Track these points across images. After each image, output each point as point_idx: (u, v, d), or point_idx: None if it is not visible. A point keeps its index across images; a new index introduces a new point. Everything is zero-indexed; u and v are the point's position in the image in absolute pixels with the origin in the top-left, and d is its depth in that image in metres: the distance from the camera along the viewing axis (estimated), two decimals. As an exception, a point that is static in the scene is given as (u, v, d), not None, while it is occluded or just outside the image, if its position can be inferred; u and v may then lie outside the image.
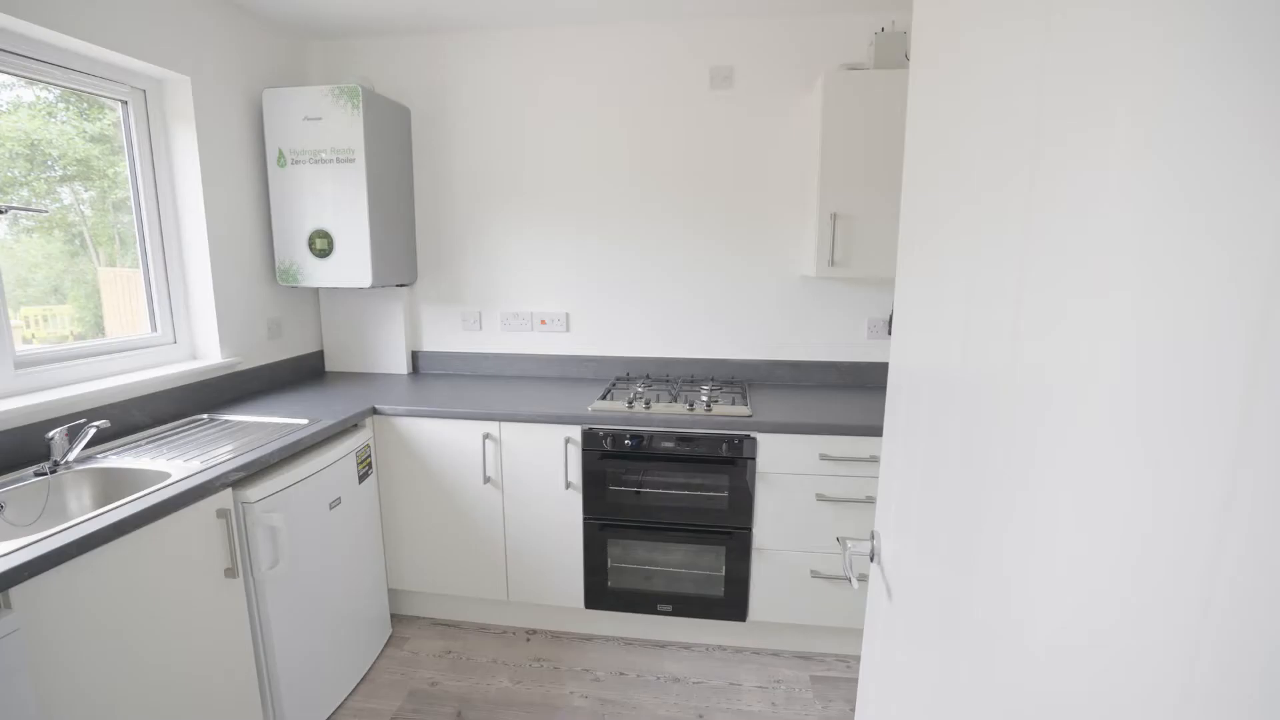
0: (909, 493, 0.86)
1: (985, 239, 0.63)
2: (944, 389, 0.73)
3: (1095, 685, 0.41)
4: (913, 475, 0.85)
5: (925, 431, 0.80)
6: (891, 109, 2.14)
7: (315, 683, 1.92)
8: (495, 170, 2.69)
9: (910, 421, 0.88)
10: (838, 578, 2.16)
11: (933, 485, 0.76)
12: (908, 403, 0.90)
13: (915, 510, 0.83)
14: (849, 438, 2.09)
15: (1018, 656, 0.53)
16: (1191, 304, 0.35)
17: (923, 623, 0.77)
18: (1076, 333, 0.46)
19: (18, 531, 1.51)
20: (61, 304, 2.00)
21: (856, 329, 2.61)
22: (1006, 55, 0.59)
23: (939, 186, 0.78)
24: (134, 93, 2.09)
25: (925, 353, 0.81)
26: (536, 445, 2.22)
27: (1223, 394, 0.32)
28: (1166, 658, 0.35)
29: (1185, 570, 0.34)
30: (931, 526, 0.76)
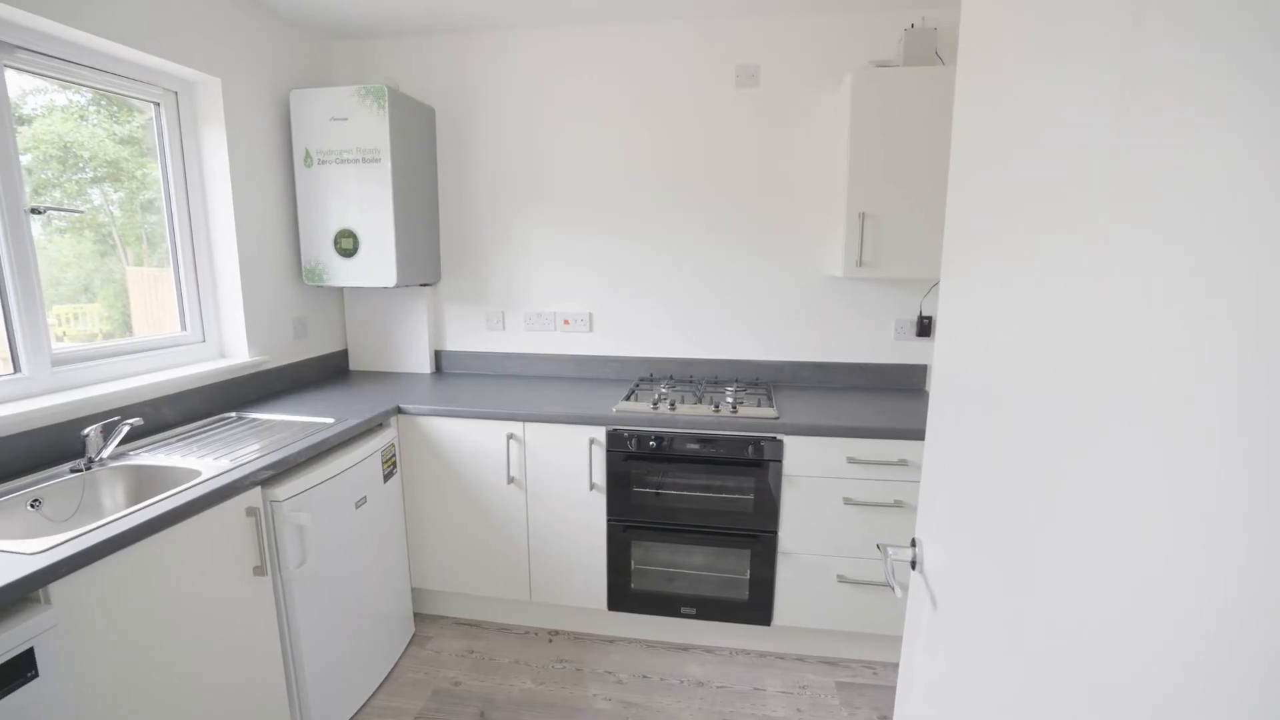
0: (957, 500, 0.84)
1: (1059, 244, 0.60)
2: (1002, 394, 0.70)
3: (1171, 708, 0.39)
4: (961, 482, 0.82)
5: (977, 437, 0.77)
6: (922, 106, 2.10)
7: (340, 681, 1.93)
8: (518, 170, 2.69)
9: (958, 427, 0.85)
10: (865, 583, 2.13)
11: (986, 494, 0.73)
12: (955, 407, 0.87)
13: (964, 519, 0.80)
14: (877, 440, 2.05)
15: (1081, 675, 0.50)
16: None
17: (973, 635, 0.75)
18: (1163, 343, 0.44)
19: (55, 527, 1.53)
20: (91, 302, 2.03)
21: (883, 330, 2.57)
22: (1086, 51, 0.57)
23: (996, 189, 0.76)
24: (166, 94, 2.12)
25: (978, 356, 0.78)
26: (560, 446, 2.21)
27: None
28: (1267, 686, 0.33)
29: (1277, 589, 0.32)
30: (984, 536, 0.73)
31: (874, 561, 2.11)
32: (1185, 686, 0.39)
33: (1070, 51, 0.59)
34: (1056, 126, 0.61)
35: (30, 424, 1.63)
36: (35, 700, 1.11)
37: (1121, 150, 0.50)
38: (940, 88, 2.09)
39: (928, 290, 2.51)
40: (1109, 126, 0.52)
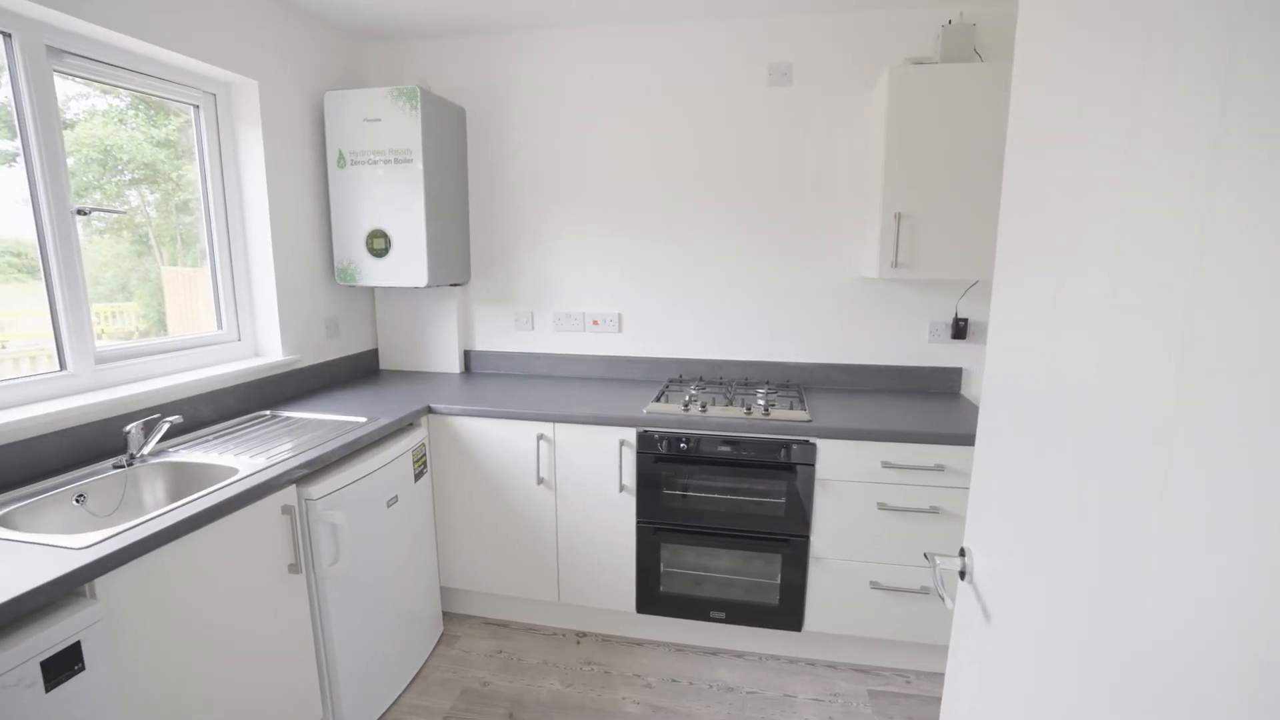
0: (1013, 511, 0.81)
1: (1143, 246, 0.57)
2: (1069, 400, 0.67)
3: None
4: (1018, 491, 0.79)
5: (1037, 445, 0.74)
6: (960, 104, 2.05)
7: (372, 678, 1.94)
8: (548, 170, 2.69)
9: (1015, 433, 0.82)
10: (900, 590, 2.09)
11: (1049, 504, 0.70)
12: (1010, 414, 0.84)
13: (1021, 528, 0.77)
14: (913, 445, 2.01)
15: (1161, 697, 0.47)
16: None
17: (1035, 652, 0.72)
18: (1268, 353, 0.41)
19: (99, 522, 1.56)
20: (128, 301, 2.07)
21: (918, 332, 2.52)
22: (1191, 39, 0.54)
23: (1062, 188, 0.73)
24: (205, 97, 2.15)
25: (1040, 363, 0.75)
26: (590, 447, 2.20)
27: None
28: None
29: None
30: (1047, 547, 0.70)
31: (909, 568, 2.07)
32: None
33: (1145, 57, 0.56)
34: (1130, 132, 0.58)
35: (75, 420, 1.67)
36: (82, 693, 1.13)
37: (1220, 153, 0.47)
38: (979, 85, 2.04)
39: (964, 291, 2.45)
40: (1197, 129, 0.49)
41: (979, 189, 2.08)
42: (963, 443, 1.97)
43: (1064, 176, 0.72)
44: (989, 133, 2.04)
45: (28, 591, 1.06)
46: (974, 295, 2.45)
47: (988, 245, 2.09)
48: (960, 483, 1.99)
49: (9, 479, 1.52)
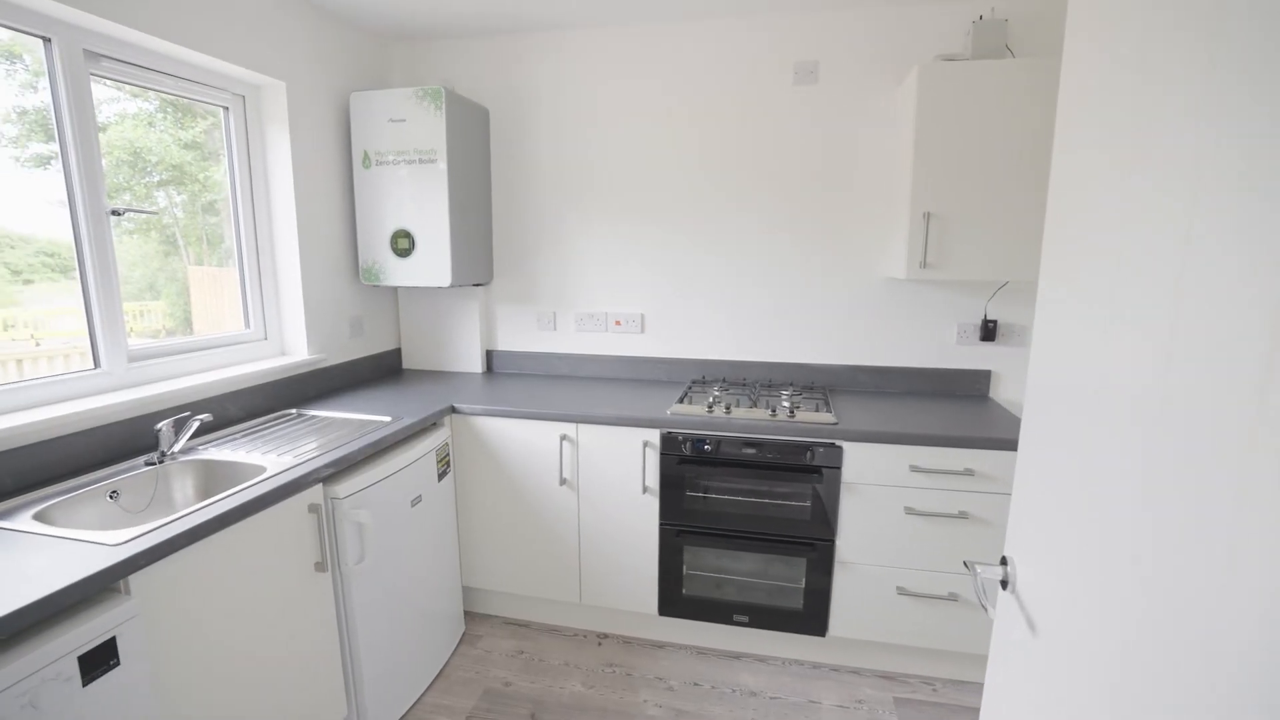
0: (1063, 518, 0.78)
1: (1216, 246, 0.54)
2: (1131, 407, 0.64)
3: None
4: (1070, 500, 0.76)
5: (1092, 453, 0.71)
6: (991, 101, 2.01)
7: (395, 677, 1.94)
8: (571, 170, 2.69)
9: (1066, 440, 0.79)
10: (927, 596, 2.05)
11: (1108, 514, 0.67)
12: (1060, 419, 0.81)
13: (1074, 539, 0.74)
14: (942, 449, 1.97)
15: None
16: None
17: (1089, 667, 0.69)
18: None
19: (131, 519, 1.58)
20: (155, 300, 2.10)
21: (945, 334, 2.48)
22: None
23: (1118, 187, 0.70)
24: (234, 99, 2.18)
25: (1094, 365, 0.73)
26: (613, 448, 2.19)
27: None
28: None
29: None
30: (1105, 560, 0.68)
31: (937, 574, 2.03)
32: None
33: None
34: (1198, 117, 0.55)
35: (109, 418, 1.69)
36: (116, 687, 1.14)
37: None
38: (1011, 81, 1.99)
39: (994, 292, 2.40)
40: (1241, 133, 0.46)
41: (1011, 188, 2.04)
42: (993, 447, 1.93)
43: (1119, 176, 0.70)
44: (1022, 130, 2.00)
45: (65, 587, 1.07)
46: (1004, 296, 2.40)
47: (1019, 245, 2.05)
48: (990, 488, 1.95)
49: (46, 475, 1.55)
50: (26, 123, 1.68)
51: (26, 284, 1.78)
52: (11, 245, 1.75)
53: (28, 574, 1.10)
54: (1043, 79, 1.96)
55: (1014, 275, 2.09)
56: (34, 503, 1.42)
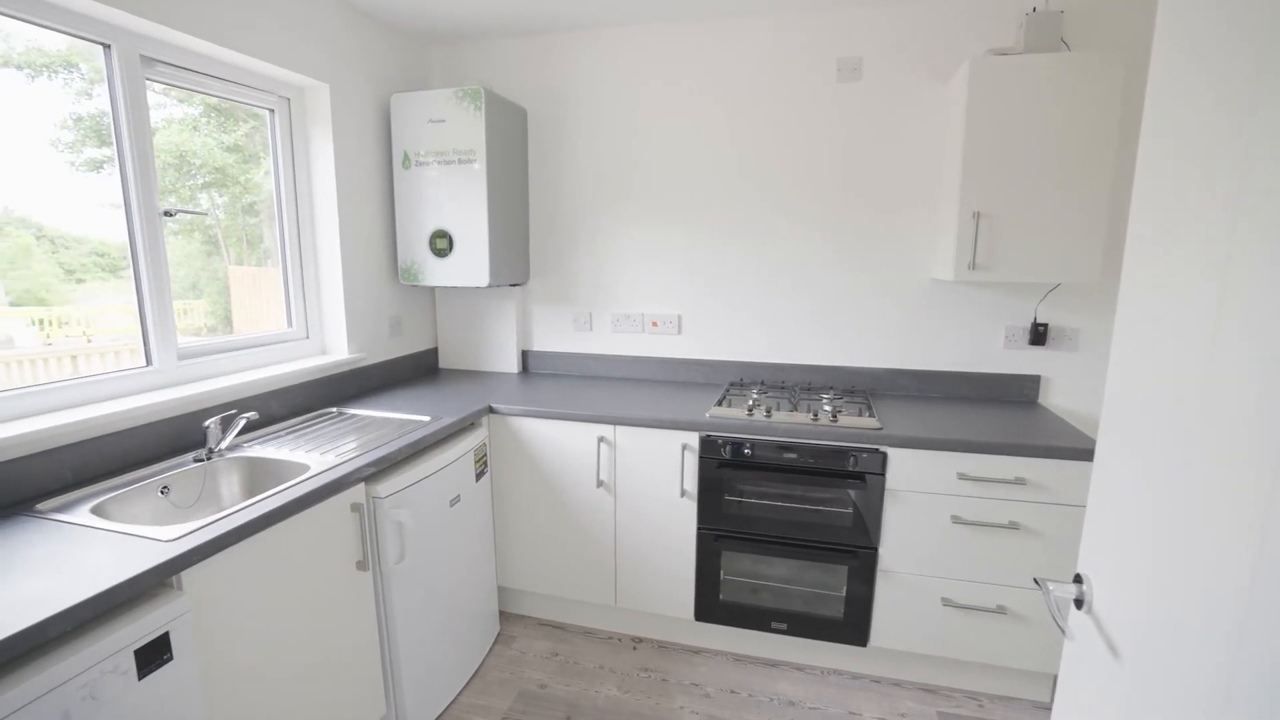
0: (1147, 537, 0.73)
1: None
2: (1238, 422, 0.60)
3: None
4: (1158, 517, 0.72)
5: (1191, 468, 0.67)
6: (1045, 96, 1.94)
7: (433, 675, 1.95)
8: (608, 170, 2.67)
9: (1152, 453, 0.74)
10: (974, 608, 1.98)
11: (1214, 539, 0.63)
12: (1145, 430, 0.76)
13: (1169, 561, 0.70)
14: (991, 456, 1.90)
15: None
16: None
17: (1179, 697, 0.65)
18: None
19: (180, 514, 1.60)
20: (198, 299, 2.14)
21: (992, 337, 2.40)
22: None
23: (1222, 179, 0.65)
24: (280, 101, 2.21)
25: (1194, 376, 0.68)
26: (652, 451, 2.17)
27: None
28: None
29: None
30: (1197, 584, 0.63)
31: (985, 586, 1.97)
32: None
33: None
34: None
35: (161, 414, 1.73)
36: (170, 682, 1.16)
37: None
38: (1067, 76, 1.92)
39: (1044, 295, 2.32)
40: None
41: (1066, 187, 1.96)
42: (1046, 455, 1.86)
43: (1226, 165, 0.65)
44: (1078, 126, 1.92)
45: (124, 581, 1.09)
46: (1056, 299, 2.31)
47: (1074, 246, 1.98)
48: (1043, 498, 1.88)
49: (102, 469, 1.59)
50: (82, 129, 1.73)
51: (79, 283, 1.83)
52: (66, 246, 1.80)
53: (89, 568, 1.12)
54: (1100, 73, 1.89)
55: (1068, 277, 2.01)
56: (91, 496, 1.45)
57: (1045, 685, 2.06)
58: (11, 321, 1.77)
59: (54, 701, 0.97)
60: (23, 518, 1.34)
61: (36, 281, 1.77)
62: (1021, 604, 1.94)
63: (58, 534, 1.27)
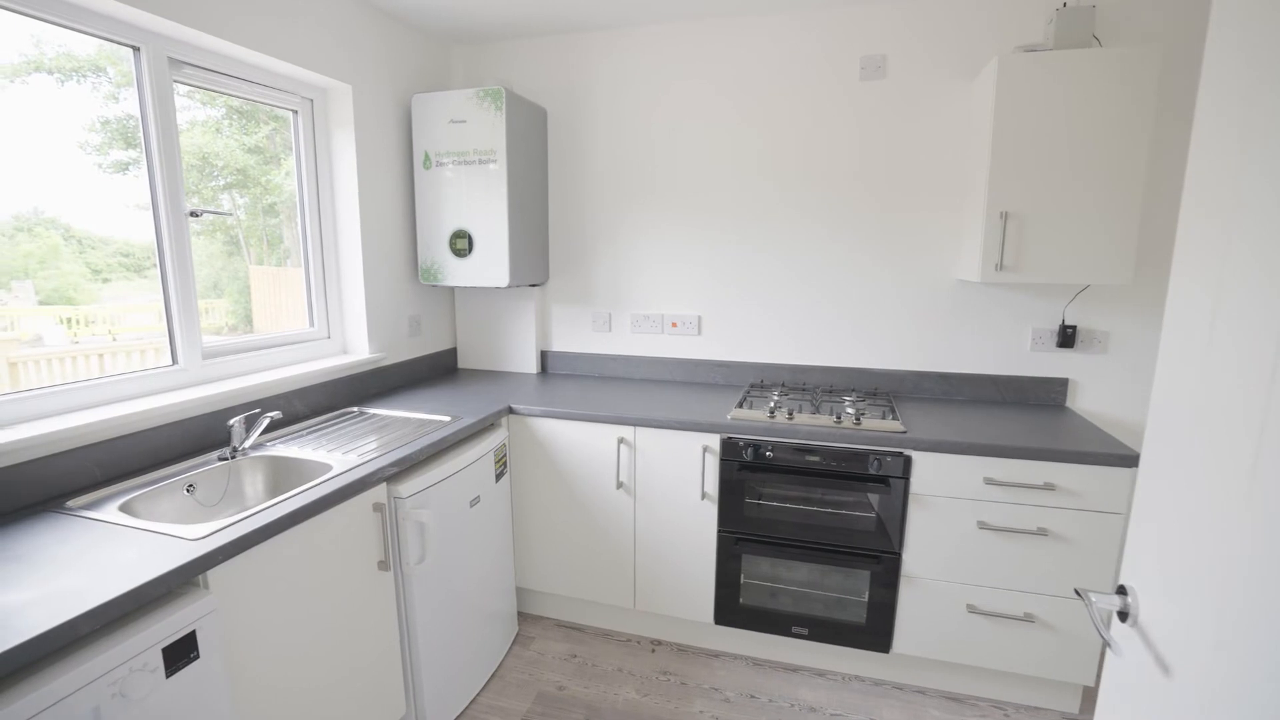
0: (1201, 549, 0.71)
1: None
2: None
3: None
4: (1215, 530, 0.69)
5: (1252, 479, 0.64)
6: (1077, 93, 1.90)
7: (452, 676, 1.95)
8: (628, 170, 2.66)
9: (1205, 462, 0.72)
10: (1000, 615, 1.95)
11: (1269, 554, 0.60)
12: (1196, 438, 0.74)
13: (1218, 575, 0.67)
14: (1019, 461, 1.87)
15: None
16: None
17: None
18: None
19: (205, 512, 1.62)
20: (219, 298, 2.16)
21: (1019, 340, 2.36)
22: None
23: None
24: (303, 102, 2.22)
25: (1245, 381, 0.65)
26: (672, 452, 2.15)
27: None
28: None
29: None
30: (1261, 603, 0.60)
31: (1012, 593, 1.93)
32: None
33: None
34: None
35: (186, 413, 1.74)
36: (196, 680, 1.16)
37: None
38: (1099, 73, 1.88)
39: (1073, 296, 2.27)
40: None
41: (1097, 186, 1.92)
42: (1076, 460, 1.82)
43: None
44: (1110, 124, 1.88)
45: (153, 579, 1.09)
46: (1084, 301, 2.27)
47: (1105, 247, 1.94)
48: (1074, 504, 1.84)
49: (130, 467, 1.60)
50: (109, 131, 1.75)
51: (105, 282, 1.85)
52: (92, 246, 1.83)
53: (118, 566, 1.13)
54: (1135, 69, 1.84)
55: (1099, 279, 1.97)
56: (119, 494, 1.47)
57: (1074, 696, 2.02)
58: (41, 320, 1.80)
59: (86, 698, 0.98)
60: (54, 514, 1.35)
61: (64, 281, 1.80)
62: (1051, 612, 1.90)
63: (87, 531, 1.28)
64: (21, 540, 1.24)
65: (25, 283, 1.71)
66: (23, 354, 1.71)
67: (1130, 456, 1.77)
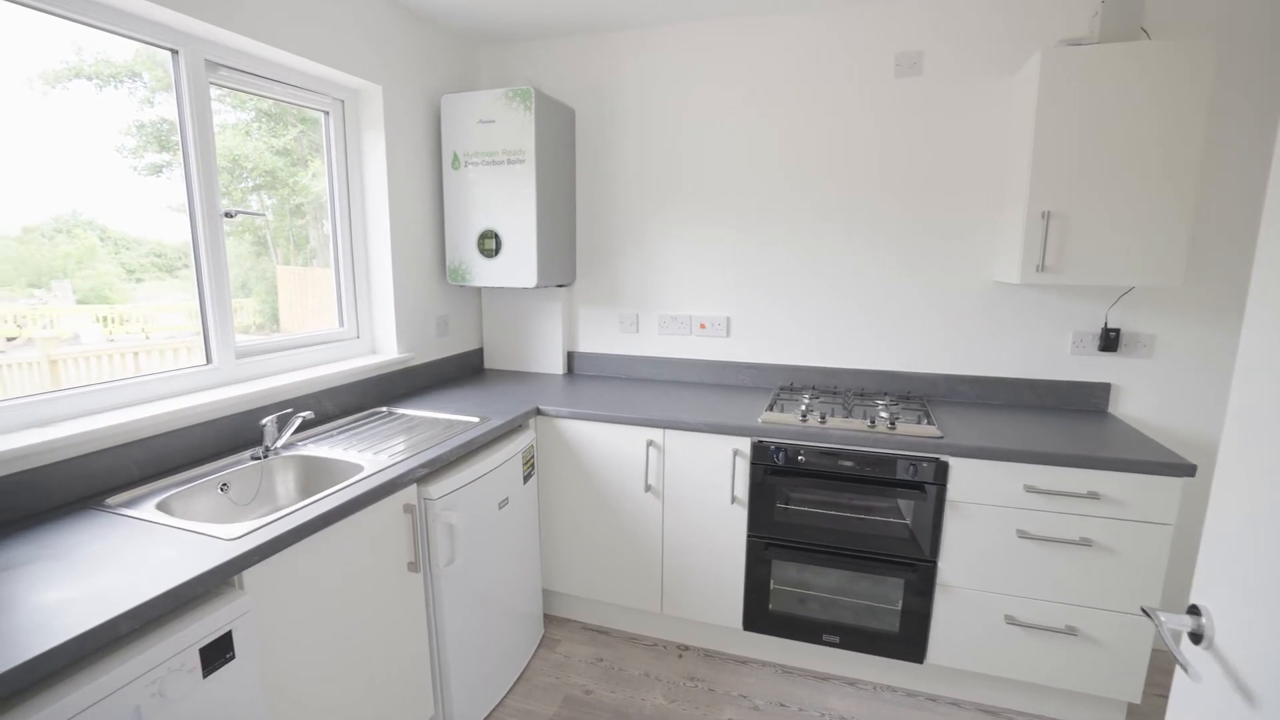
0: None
1: None
2: None
3: None
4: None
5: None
6: (1123, 88, 1.84)
7: (479, 678, 1.94)
8: (656, 170, 2.64)
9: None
10: (1040, 627, 1.89)
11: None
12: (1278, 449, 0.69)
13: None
14: (1062, 469, 1.81)
15: None
16: None
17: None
18: None
19: (239, 511, 1.62)
20: (247, 298, 2.18)
21: (1059, 343, 2.29)
22: None
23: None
24: (335, 103, 2.24)
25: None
26: (702, 455, 2.12)
27: None
28: None
29: None
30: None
31: (1053, 604, 1.87)
32: None
33: None
34: None
35: (221, 412, 1.76)
36: (232, 680, 1.16)
37: None
38: (1147, 67, 1.81)
39: (1116, 299, 2.20)
40: None
41: (1145, 184, 1.86)
42: (1123, 469, 1.75)
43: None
44: (1159, 120, 1.82)
45: (190, 580, 1.09)
46: (1129, 303, 2.19)
47: (1152, 247, 1.87)
48: (1119, 514, 1.77)
49: (166, 465, 1.62)
50: (144, 135, 1.77)
51: (138, 282, 1.87)
52: (127, 247, 1.85)
53: (156, 565, 1.14)
54: (1187, 62, 1.78)
55: (1146, 280, 1.90)
56: (156, 492, 1.48)
57: (1118, 713, 1.95)
58: (79, 318, 1.82)
59: (127, 697, 0.98)
60: (94, 512, 1.37)
61: (100, 280, 1.82)
62: (1095, 625, 1.84)
63: (126, 529, 1.29)
64: (63, 537, 1.25)
65: (64, 282, 1.74)
66: (62, 351, 1.74)
67: (1182, 465, 1.71)
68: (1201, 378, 2.17)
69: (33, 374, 1.68)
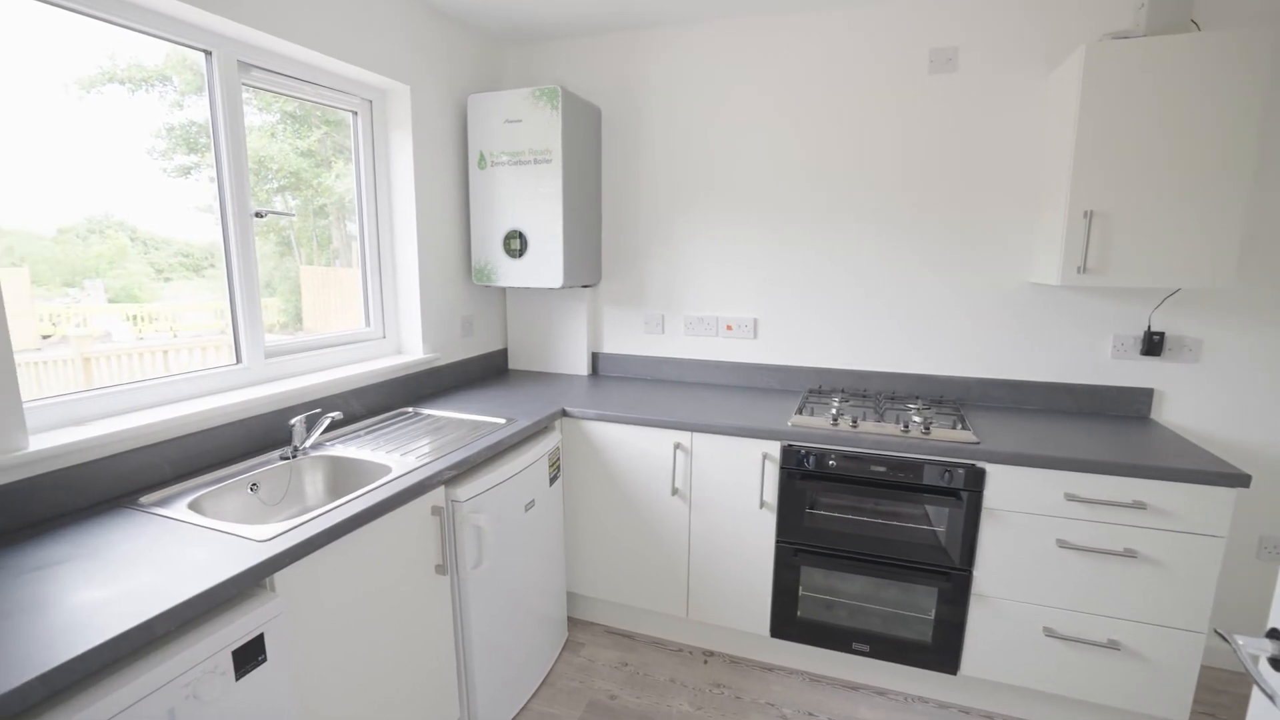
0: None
1: None
2: None
3: None
4: None
5: None
6: (1171, 83, 1.77)
7: (504, 681, 1.93)
8: (683, 170, 2.61)
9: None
10: (1079, 641, 1.83)
11: None
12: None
13: None
14: (1105, 477, 1.75)
15: None
16: None
17: None
18: None
19: (268, 511, 1.62)
20: (271, 297, 2.18)
21: (1098, 347, 2.22)
22: None
23: None
24: (363, 103, 2.24)
25: None
26: (730, 459, 2.09)
27: None
28: None
29: None
30: None
31: (1095, 617, 1.81)
32: None
33: None
34: None
35: (251, 411, 1.76)
36: (265, 682, 1.15)
37: None
38: (1196, 60, 1.75)
39: (1160, 301, 2.13)
40: None
41: (1194, 182, 1.79)
42: (1170, 478, 1.69)
43: None
44: (1210, 115, 1.75)
45: (224, 581, 1.09)
46: (1173, 306, 2.12)
47: (1200, 248, 1.80)
48: (1167, 524, 1.71)
49: (198, 464, 1.62)
50: (173, 137, 1.78)
51: (166, 281, 1.89)
52: (156, 247, 1.86)
53: (189, 566, 1.13)
54: (1241, 55, 1.71)
55: (1195, 281, 1.83)
56: (188, 492, 1.48)
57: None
58: (110, 317, 1.84)
59: (162, 699, 0.97)
60: (128, 511, 1.37)
61: (131, 280, 1.84)
62: (1139, 640, 1.78)
63: (159, 529, 1.29)
64: (98, 536, 1.25)
65: (96, 282, 1.75)
66: (95, 349, 1.76)
67: (1236, 475, 1.64)
68: (1253, 383, 2.09)
69: (68, 370, 1.70)
